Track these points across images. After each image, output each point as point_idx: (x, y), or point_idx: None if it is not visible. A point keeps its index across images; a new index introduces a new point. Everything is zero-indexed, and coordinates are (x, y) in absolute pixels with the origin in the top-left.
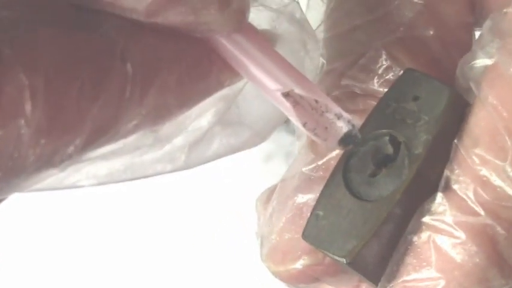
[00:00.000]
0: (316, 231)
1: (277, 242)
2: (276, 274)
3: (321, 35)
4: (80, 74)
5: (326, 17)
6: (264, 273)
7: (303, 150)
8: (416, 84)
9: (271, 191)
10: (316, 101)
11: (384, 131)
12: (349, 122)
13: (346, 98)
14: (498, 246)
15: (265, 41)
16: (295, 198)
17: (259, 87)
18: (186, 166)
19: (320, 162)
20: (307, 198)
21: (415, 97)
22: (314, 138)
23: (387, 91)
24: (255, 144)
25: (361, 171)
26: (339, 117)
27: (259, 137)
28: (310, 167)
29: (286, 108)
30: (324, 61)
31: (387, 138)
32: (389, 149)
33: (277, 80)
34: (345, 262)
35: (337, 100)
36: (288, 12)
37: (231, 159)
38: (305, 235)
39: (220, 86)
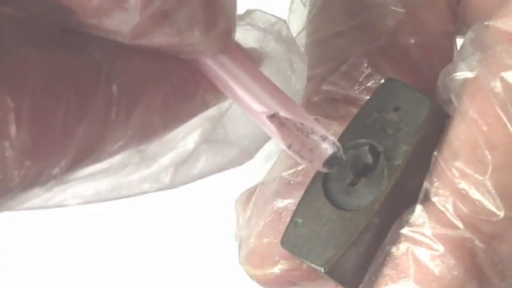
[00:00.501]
0: (294, 239)
1: (255, 245)
2: (254, 278)
3: (302, 40)
4: (66, 94)
5: (308, 22)
6: None
7: (283, 154)
8: (397, 94)
9: (251, 192)
10: (302, 123)
11: (363, 140)
12: (334, 144)
13: (327, 104)
14: (477, 259)
15: (251, 62)
16: (274, 202)
17: (245, 108)
18: (172, 185)
19: (300, 168)
20: (287, 203)
21: (395, 107)
22: (299, 160)
23: (368, 100)
24: (241, 163)
25: (341, 180)
26: (324, 139)
27: (246, 155)
28: (290, 171)
29: (271, 130)
30: None
31: (367, 147)
32: (369, 159)
33: (262, 102)
34: (323, 271)
35: (317, 106)
36: (274, 31)
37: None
38: (283, 242)
39: (205, 106)
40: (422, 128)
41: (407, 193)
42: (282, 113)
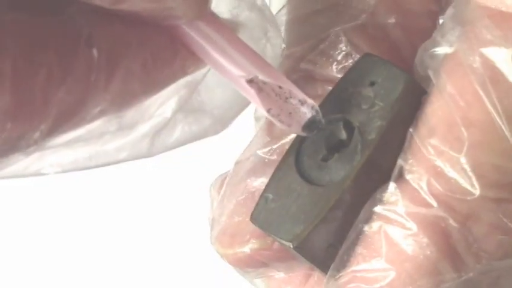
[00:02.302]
0: (264, 214)
1: (226, 224)
2: (224, 257)
3: (283, 18)
4: (46, 58)
5: (288, 0)
6: None
7: (260, 133)
8: (373, 69)
9: (225, 177)
10: (280, 87)
11: (338, 115)
12: (312, 107)
13: (305, 83)
14: (451, 239)
15: (228, 28)
16: (248, 181)
17: (223, 74)
18: (149, 154)
19: (275, 146)
20: (260, 181)
21: (371, 82)
22: (278, 124)
23: (344, 75)
24: (216, 132)
25: (313, 155)
26: (303, 103)
27: (220, 124)
28: (265, 149)
29: (250, 94)
30: (284, 45)
31: (341, 123)
32: (343, 134)
33: (240, 67)
34: (291, 246)
35: (295, 84)
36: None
37: (229, 150)
38: (253, 218)
39: (184, 72)
40: (398, 103)
41: (381, 170)
42: (261, 77)
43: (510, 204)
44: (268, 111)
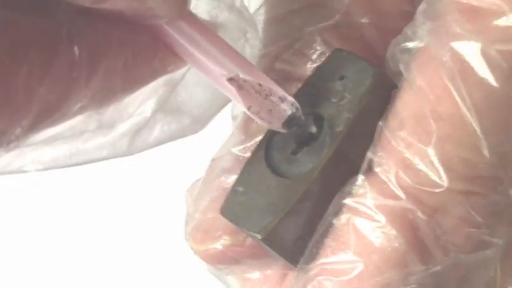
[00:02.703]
0: (234, 207)
1: (200, 220)
2: (197, 253)
3: (261, 17)
4: (29, 55)
5: None
6: None
7: (235, 131)
8: (343, 63)
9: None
10: (260, 85)
11: (308, 109)
12: (293, 104)
13: (280, 81)
14: (419, 231)
15: (208, 27)
16: (222, 178)
17: (204, 73)
18: (129, 152)
19: (249, 144)
20: (234, 178)
21: (341, 76)
22: (259, 121)
23: (315, 70)
24: (195, 131)
25: (283, 149)
26: (283, 100)
27: (198, 124)
28: (240, 147)
29: (231, 92)
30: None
31: (311, 116)
32: (312, 128)
33: (221, 66)
34: (259, 237)
35: None
36: (228, 0)
37: (207, 149)
38: (223, 210)
39: (164, 71)
40: (366, 96)
41: (350, 163)
42: (241, 75)
43: (479, 197)
44: (249, 108)
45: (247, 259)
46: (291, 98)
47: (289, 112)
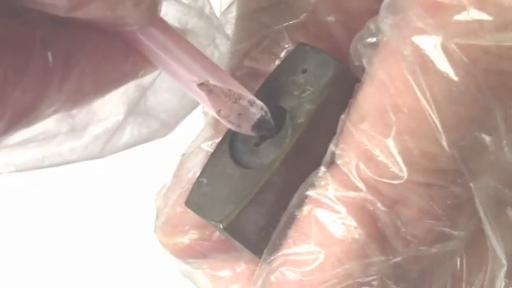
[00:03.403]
0: (198, 198)
1: (169, 215)
2: (166, 247)
3: (230, 15)
4: (3, 59)
5: None
6: None
7: (206, 127)
8: (305, 57)
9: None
10: (230, 90)
11: (271, 102)
12: (261, 108)
13: (249, 79)
14: (379, 223)
15: (178, 34)
16: (191, 172)
17: (175, 78)
18: (100, 155)
19: (218, 140)
20: None
21: (303, 70)
22: (228, 125)
23: (279, 64)
24: (163, 135)
25: (247, 141)
26: (252, 104)
27: (167, 128)
28: (209, 143)
29: (201, 97)
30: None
31: (274, 109)
32: (275, 120)
33: (191, 72)
34: (221, 227)
35: (240, 80)
36: (197, 7)
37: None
38: (188, 202)
39: (135, 75)
40: (327, 88)
41: (312, 155)
42: (211, 81)
43: (439, 189)
44: (218, 112)
45: (214, 253)
46: (259, 102)
47: (258, 116)
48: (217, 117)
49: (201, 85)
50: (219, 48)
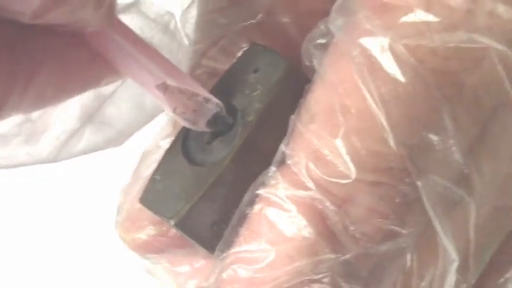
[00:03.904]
0: (151, 195)
1: (128, 211)
2: (124, 242)
3: (189, 15)
4: None
5: None
6: None
7: (165, 125)
8: (257, 57)
9: None
10: (186, 88)
11: (223, 101)
12: (217, 104)
13: (207, 78)
14: (328, 221)
15: (138, 36)
16: (150, 169)
17: (133, 78)
18: (55, 159)
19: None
20: None
21: (255, 69)
22: (184, 122)
23: (232, 64)
24: (118, 144)
25: (199, 139)
26: (207, 101)
27: (122, 137)
28: (167, 140)
29: (158, 95)
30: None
31: (226, 108)
32: (227, 119)
33: (150, 72)
34: (172, 223)
35: (198, 79)
36: (163, 22)
37: None
38: (142, 199)
39: (97, 83)
40: (276, 87)
41: (263, 153)
42: (170, 81)
43: (387, 188)
44: (174, 110)
45: (172, 248)
46: (215, 99)
47: (213, 111)
48: (173, 114)
49: (159, 85)
50: (181, 64)
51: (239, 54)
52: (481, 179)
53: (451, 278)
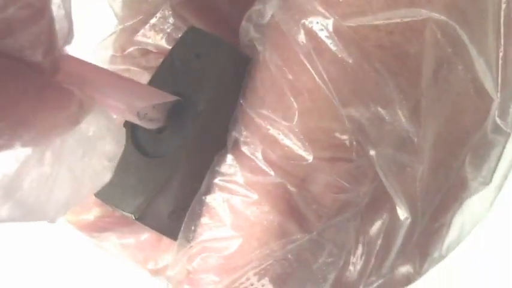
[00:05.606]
0: (106, 188)
1: None
2: (71, 223)
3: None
4: None
5: None
6: None
7: None
8: (198, 42)
9: None
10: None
11: (169, 89)
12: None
13: (140, 55)
14: (291, 202)
15: (93, 65)
16: None
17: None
18: None
19: None
20: None
21: (197, 55)
22: (148, 124)
23: (171, 49)
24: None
25: (148, 129)
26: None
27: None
28: None
29: (119, 112)
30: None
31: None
32: (175, 107)
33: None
34: (133, 218)
35: (131, 56)
36: None
37: None
38: (97, 193)
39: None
40: (223, 73)
41: (216, 140)
42: (129, 99)
43: (343, 163)
44: (137, 115)
45: (117, 227)
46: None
47: (171, 104)
48: (137, 122)
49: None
50: None
51: (169, 30)
52: (424, 141)
53: (403, 231)
